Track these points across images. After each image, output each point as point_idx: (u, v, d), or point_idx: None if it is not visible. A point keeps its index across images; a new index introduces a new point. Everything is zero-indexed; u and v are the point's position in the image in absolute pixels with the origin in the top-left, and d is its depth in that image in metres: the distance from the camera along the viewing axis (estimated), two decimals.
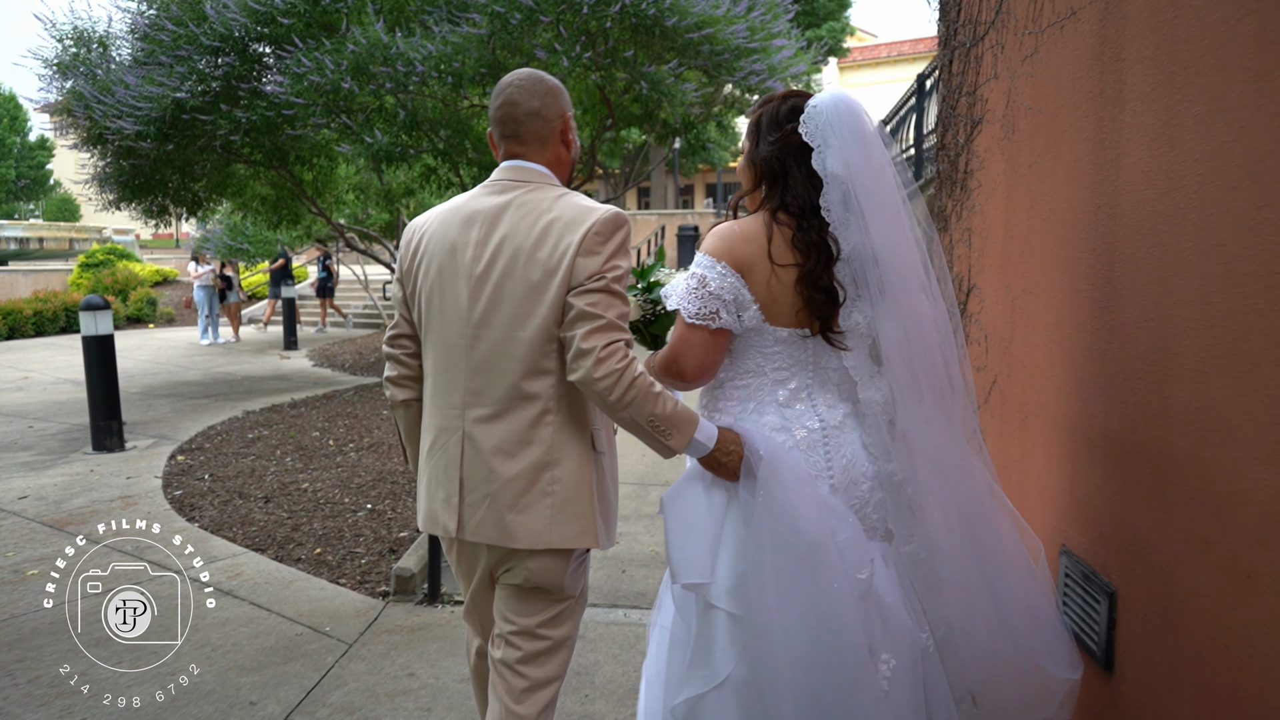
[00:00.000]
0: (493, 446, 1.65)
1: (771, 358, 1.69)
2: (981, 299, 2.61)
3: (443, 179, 8.85)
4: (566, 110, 1.77)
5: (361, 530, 4.28)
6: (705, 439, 1.62)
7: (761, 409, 1.70)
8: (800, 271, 1.63)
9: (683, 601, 1.70)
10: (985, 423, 2.57)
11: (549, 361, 1.63)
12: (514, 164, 1.74)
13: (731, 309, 1.64)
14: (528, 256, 1.62)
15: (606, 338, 1.56)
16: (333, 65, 7.28)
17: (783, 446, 1.64)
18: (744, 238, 1.66)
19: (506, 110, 1.72)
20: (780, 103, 1.72)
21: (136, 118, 7.69)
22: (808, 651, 1.54)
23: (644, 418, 1.57)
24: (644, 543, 4.06)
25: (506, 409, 1.65)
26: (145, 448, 6.37)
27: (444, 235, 1.71)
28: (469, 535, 1.68)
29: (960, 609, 1.70)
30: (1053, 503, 2.06)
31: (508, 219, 1.66)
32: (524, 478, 1.64)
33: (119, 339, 15.39)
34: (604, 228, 1.61)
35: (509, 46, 7.53)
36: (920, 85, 8.83)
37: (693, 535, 1.66)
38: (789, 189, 1.67)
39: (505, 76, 1.76)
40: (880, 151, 1.65)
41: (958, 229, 2.86)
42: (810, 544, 1.55)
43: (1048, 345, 2.07)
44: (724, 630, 1.60)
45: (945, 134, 3.01)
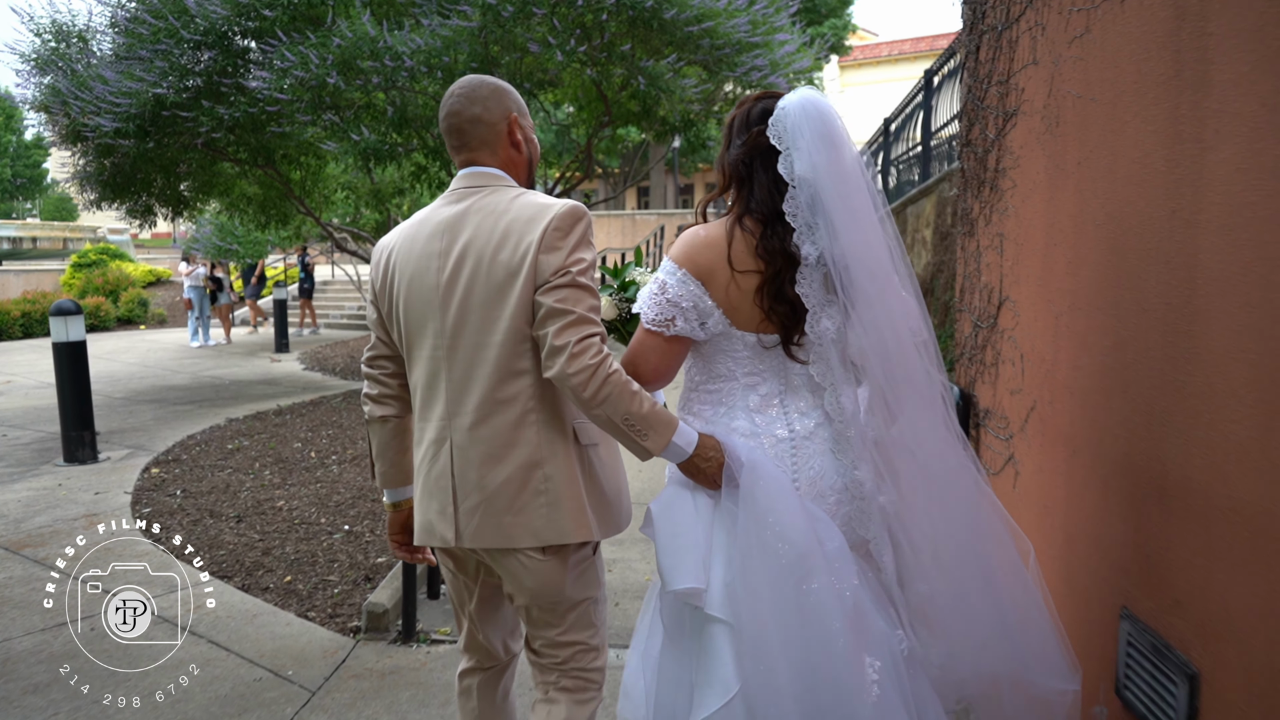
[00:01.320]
0: (480, 453, 1.64)
1: (741, 362, 1.67)
2: (1016, 313, 2.32)
3: (434, 177, 8.55)
4: (512, 111, 1.74)
5: (336, 555, 3.99)
6: (684, 443, 1.60)
7: (733, 414, 1.68)
8: (760, 279, 1.61)
9: (674, 622, 1.67)
10: (1021, 453, 2.28)
11: (523, 362, 1.63)
12: (469, 170, 1.73)
13: (691, 316, 1.62)
14: (490, 260, 1.61)
15: (579, 332, 1.54)
16: (318, 60, 6.98)
17: (761, 453, 1.61)
18: (706, 243, 1.63)
19: (450, 121, 1.72)
20: (753, 104, 1.68)
21: (115, 114, 7.39)
22: (805, 660, 1.51)
23: (619, 415, 1.54)
24: (639, 571, 3.77)
25: (488, 414, 1.64)
26: (119, 459, 6.09)
27: (410, 251, 1.70)
28: (467, 542, 1.66)
29: (953, 622, 1.65)
30: (1110, 555, 1.77)
31: (468, 226, 1.65)
32: (516, 480, 1.63)
33: (109, 341, 15.28)
34: (562, 222, 1.59)
35: (501, 40, 7.24)
36: (928, 82, 8.55)
37: (682, 541, 1.63)
38: (754, 194, 1.64)
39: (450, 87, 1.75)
40: (850, 154, 1.60)
41: (986, 234, 2.57)
42: (798, 551, 1.53)
43: (1103, 371, 1.78)
44: (728, 641, 1.56)
45: (971, 129, 2.72)
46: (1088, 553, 1.89)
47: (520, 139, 1.75)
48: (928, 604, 1.66)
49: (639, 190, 33.52)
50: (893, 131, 10.95)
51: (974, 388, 2.69)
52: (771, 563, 1.53)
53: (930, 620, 1.66)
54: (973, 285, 2.70)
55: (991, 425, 2.52)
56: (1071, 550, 1.96)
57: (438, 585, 3.46)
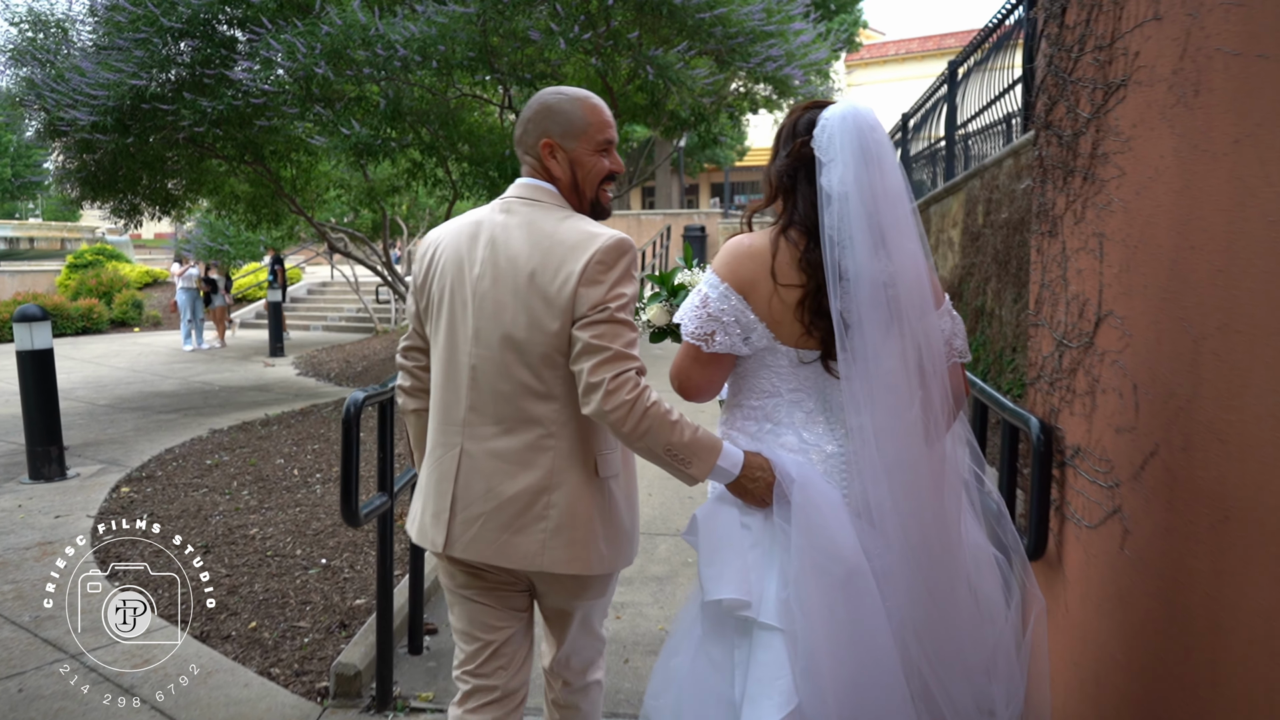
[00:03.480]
0: (491, 467, 1.64)
1: (786, 378, 1.66)
2: (1126, 333, 1.87)
3: (429, 175, 8.10)
4: (549, 135, 1.72)
5: (310, 595, 3.55)
6: (730, 465, 1.59)
7: (779, 430, 1.66)
8: (802, 293, 1.59)
9: (713, 631, 1.63)
10: (1135, 507, 1.83)
11: (551, 387, 1.62)
12: (525, 182, 1.74)
13: (733, 330, 1.62)
14: (529, 280, 1.61)
15: (615, 369, 1.54)
16: (305, 49, 6.55)
17: (811, 469, 1.60)
18: (749, 254, 1.63)
19: (515, 130, 1.77)
20: (801, 114, 1.67)
21: (92, 107, 6.97)
22: (854, 681, 1.51)
23: (660, 446, 1.54)
24: (652, 618, 3.32)
25: (506, 430, 1.64)
26: (89, 475, 5.67)
27: (455, 250, 1.70)
28: (458, 552, 1.66)
29: (934, 654, 1.62)
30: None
31: (514, 239, 1.65)
32: (521, 499, 1.63)
33: (100, 344, 14.86)
34: (606, 255, 1.59)
35: (501, 28, 6.80)
36: (952, 74, 8.10)
37: (726, 552, 1.61)
38: (797, 206, 1.63)
39: None
40: (890, 168, 1.58)
41: (1077, 234, 2.12)
42: (847, 569, 1.52)
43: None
44: (783, 653, 1.54)
45: (1053, 108, 2.27)
46: (1247, 650, 1.44)
47: (554, 163, 1.72)
48: (920, 633, 1.63)
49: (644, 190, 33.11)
50: (911, 128, 10.50)
51: (1057, 419, 2.24)
52: (823, 581, 1.52)
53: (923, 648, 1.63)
54: (1055, 295, 2.25)
55: (1085, 467, 2.08)
56: (1224, 641, 1.51)
57: (420, 638, 3.02)
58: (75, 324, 16.21)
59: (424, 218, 14.99)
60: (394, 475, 2.66)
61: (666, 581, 3.64)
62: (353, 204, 10.82)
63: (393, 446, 2.63)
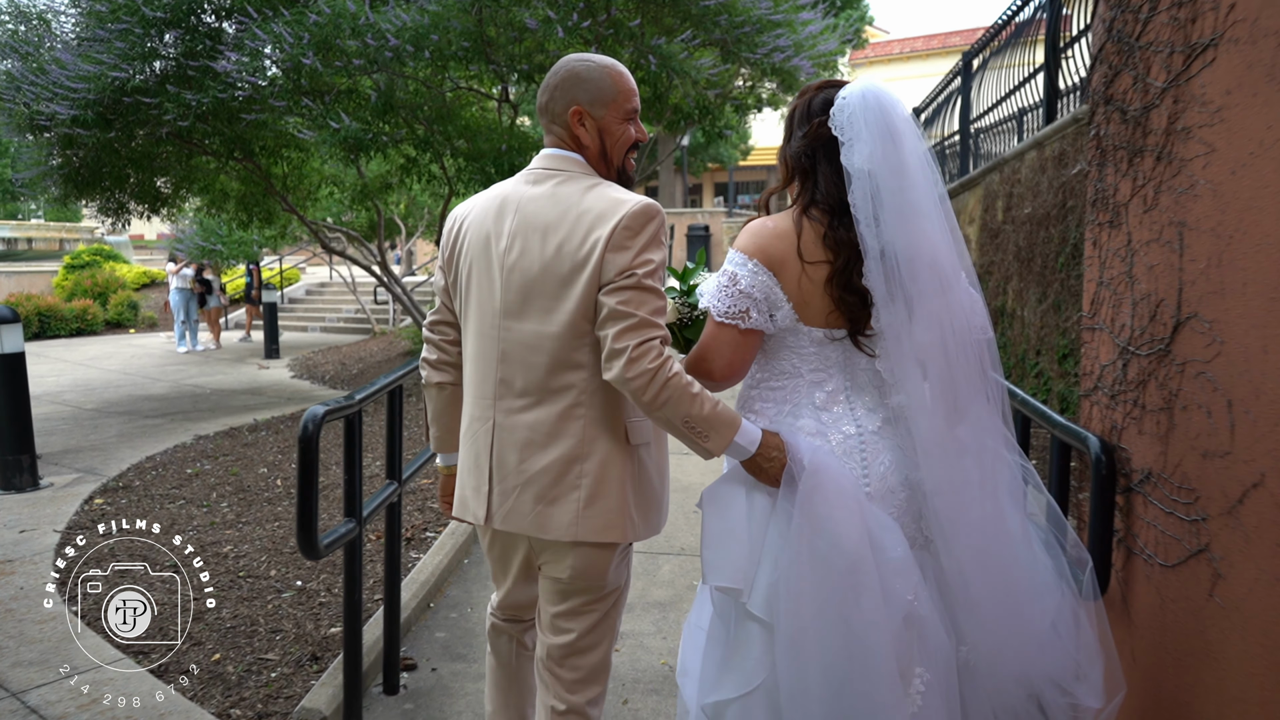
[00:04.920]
0: (523, 438, 1.65)
1: (807, 359, 1.66)
2: (1216, 339, 1.58)
3: (424, 170, 7.81)
4: (578, 102, 1.70)
5: (282, 622, 3.26)
6: (746, 442, 1.59)
7: (798, 411, 1.67)
8: (830, 270, 1.60)
9: (723, 603, 1.69)
10: (1232, 547, 1.54)
11: (580, 355, 1.62)
12: (550, 153, 1.73)
13: (763, 307, 1.62)
14: (556, 250, 1.61)
15: (639, 336, 1.54)
16: (292, 39, 6.27)
17: (826, 454, 1.60)
18: (776, 234, 1.63)
19: (537, 100, 1.75)
20: (814, 94, 1.67)
21: (72, 101, 6.70)
22: (840, 671, 1.51)
23: (679, 418, 1.54)
24: (654, 650, 3.02)
25: (536, 401, 1.64)
26: (64, 485, 5.39)
27: (482, 223, 1.70)
28: (498, 524, 1.68)
29: (981, 627, 1.62)
30: None
31: (541, 210, 1.65)
32: (554, 470, 1.64)
33: (94, 345, 14.59)
34: (633, 221, 1.58)
35: (496, 17, 6.51)
36: (966, 65, 7.80)
37: (729, 539, 1.63)
38: (818, 185, 1.63)
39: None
40: (912, 146, 1.58)
41: (1146, 224, 1.83)
42: (849, 561, 1.52)
43: None
44: (760, 638, 1.58)
45: (1113, 80, 1.98)
46: None
47: (584, 130, 1.70)
48: (971, 610, 1.62)
49: (647, 191, 32.86)
50: (923, 122, 10.19)
51: (1120, 437, 1.94)
52: (821, 570, 1.52)
53: (973, 625, 1.63)
54: (1118, 295, 1.96)
55: (1158, 495, 1.78)
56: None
57: (395, 676, 2.73)
58: (69, 325, 15.97)
59: (423, 216, 14.70)
60: (363, 499, 2.38)
61: (670, 608, 3.35)
62: (346, 202, 10.52)
63: (360, 467, 2.35)
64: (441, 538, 3.91)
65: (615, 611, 1.80)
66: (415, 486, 4.90)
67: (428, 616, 3.30)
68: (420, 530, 4.18)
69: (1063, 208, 4.65)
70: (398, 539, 2.78)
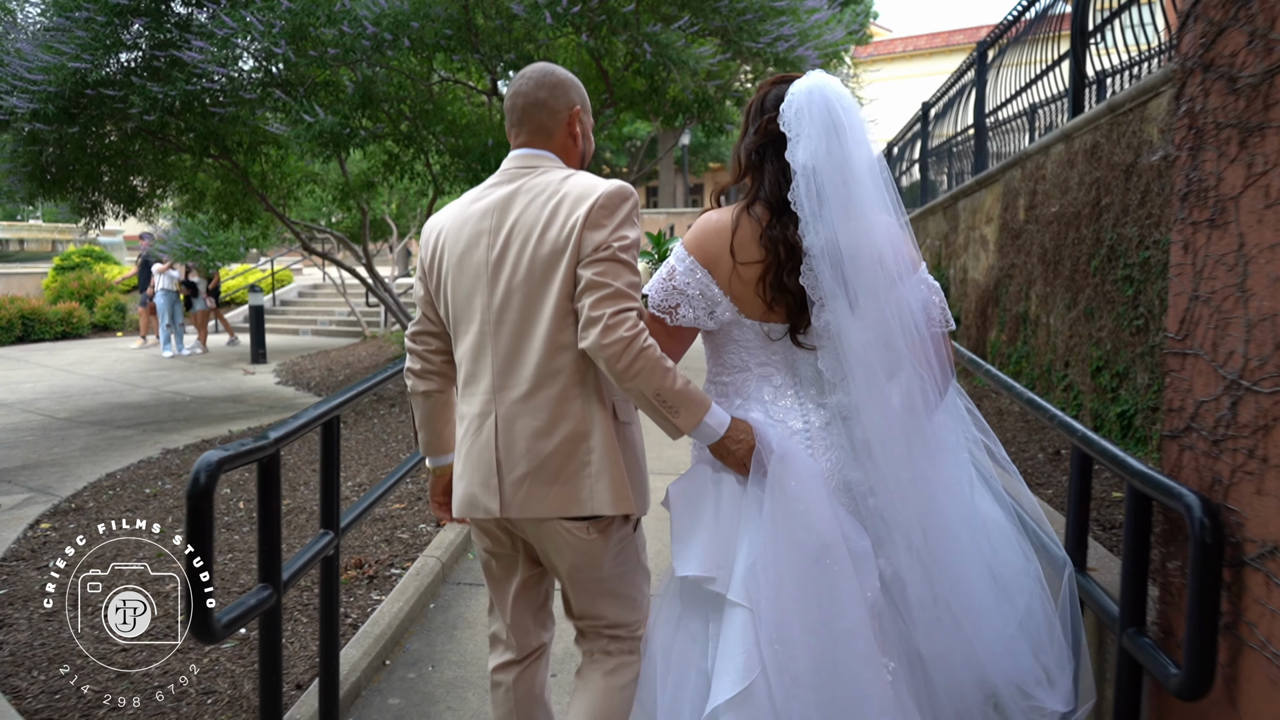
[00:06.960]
0: (529, 425, 1.67)
1: (754, 353, 1.68)
2: None
3: (407, 167, 7.40)
4: (577, 104, 1.78)
5: (216, 681, 2.85)
6: (715, 424, 1.60)
7: (748, 405, 1.68)
8: (762, 269, 1.61)
9: (690, 606, 1.65)
10: None
11: (567, 335, 1.64)
12: (521, 152, 1.77)
13: (698, 304, 1.64)
14: (538, 238, 1.64)
15: (615, 305, 1.56)
16: (262, 26, 5.86)
17: (790, 440, 1.60)
18: (714, 230, 1.65)
19: (513, 101, 1.78)
20: (769, 90, 1.69)
21: (31, 94, 6.30)
22: (825, 650, 1.50)
23: (650, 390, 1.56)
24: None
25: (535, 388, 1.66)
26: (11, 507, 4.99)
27: (460, 229, 1.74)
28: (515, 513, 1.68)
29: (924, 630, 1.60)
30: None
31: (517, 205, 1.69)
32: (563, 451, 1.66)
33: (77, 349, 14.19)
34: (609, 200, 1.62)
35: (482, 3, 6.10)
36: (981, 56, 7.38)
37: (698, 529, 1.64)
38: (764, 182, 1.65)
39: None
40: (856, 142, 1.58)
41: (1267, 223, 1.41)
42: (822, 541, 1.53)
43: None
44: (745, 628, 1.55)
45: (1216, 39, 1.56)
46: None
47: (578, 131, 1.79)
48: (909, 611, 1.60)
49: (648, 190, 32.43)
50: (931, 119, 9.77)
51: (1227, 495, 1.53)
52: (795, 552, 1.53)
53: (917, 628, 1.60)
54: (1223, 313, 1.54)
55: None
56: None
57: None
58: (54, 329, 15.61)
59: (414, 217, 14.30)
60: (281, 561, 1.97)
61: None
62: (329, 201, 10.11)
63: (279, 520, 1.95)
64: (404, 579, 3.49)
65: (628, 593, 1.80)
66: (385, 513, 4.49)
67: (381, 677, 2.88)
68: (386, 566, 3.76)
69: (1096, 205, 4.23)
70: (335, 601, 2.38)
